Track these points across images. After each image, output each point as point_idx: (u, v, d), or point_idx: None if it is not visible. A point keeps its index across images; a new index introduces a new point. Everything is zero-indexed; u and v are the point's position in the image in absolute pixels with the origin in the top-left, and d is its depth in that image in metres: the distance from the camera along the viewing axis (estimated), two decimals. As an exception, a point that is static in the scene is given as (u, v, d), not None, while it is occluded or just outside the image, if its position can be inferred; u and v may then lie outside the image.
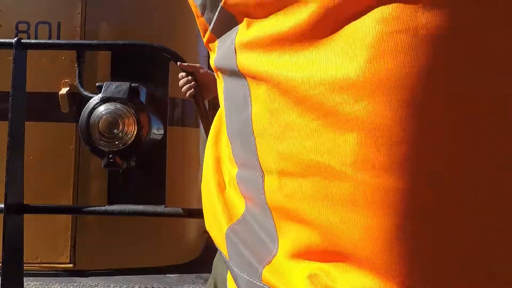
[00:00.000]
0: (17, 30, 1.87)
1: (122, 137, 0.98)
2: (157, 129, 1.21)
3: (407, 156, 0.25)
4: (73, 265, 1.84)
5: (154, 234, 1.91)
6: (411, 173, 0.25)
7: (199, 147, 2.12)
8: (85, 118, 0.99)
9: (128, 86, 1.02)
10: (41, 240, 1.82)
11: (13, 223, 0.95)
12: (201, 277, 1.84)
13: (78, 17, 1.89)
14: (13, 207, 0.95)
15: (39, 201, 1.49)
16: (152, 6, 1.98)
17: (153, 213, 1.03)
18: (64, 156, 1.86)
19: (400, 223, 0.26)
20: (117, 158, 0.99)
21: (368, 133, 0.25)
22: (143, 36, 1.90)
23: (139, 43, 1.01)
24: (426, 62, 0.25)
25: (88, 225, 1.86)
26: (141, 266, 1.87)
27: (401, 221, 0.26)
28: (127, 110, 0.99)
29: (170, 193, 1.85)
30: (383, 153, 0.25)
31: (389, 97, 0.25)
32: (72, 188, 1.85)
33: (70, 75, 1.85)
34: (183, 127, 2.00)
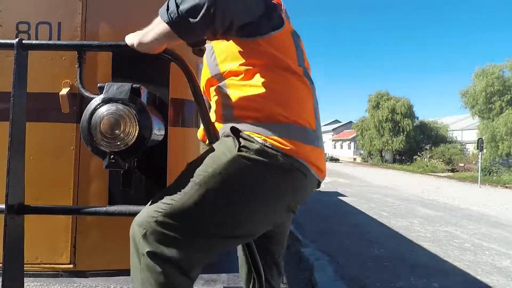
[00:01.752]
0: (17, 30, 1.87)
1: (124, 137, 0.98)
2: (158, 130, 1.21)
3: None
4: (73, 266, 1.84)
5: (155, 235, 1.90)
6: None
7: (199, 147, 2.12)
8: (87, 118, 0.99)
9: (130, 87, 1.02)
10: (41, 241, 1.82)
11: (13, 224, 0.95)
12: (201, 278, 1.84)
13: (79, 17, 1.89)
14: (14, 207, 0.95)
15: (39, 202, 1.49)
16: (152, 6, 1.97)
17: (154, 213, 1.02)
18: (65, 156, 1.86)
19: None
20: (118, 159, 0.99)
21: None
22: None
23: (140, 44, 1.01)
24: None
25: (89, 226, 1.86)
26: (141, 267, 1.86)
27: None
28: (129, 111, 0.99)
29: (171, 194, 1.85)
30: None
31: None
32: (72, 189, 1.85)
33: (70, 75, 1.85)
34: (184, 127, 2.00)
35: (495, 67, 26.29)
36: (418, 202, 12.49)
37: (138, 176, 1.77)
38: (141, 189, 1.82)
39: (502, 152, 24.27)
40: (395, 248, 6.48)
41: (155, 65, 1.82)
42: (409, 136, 35.66)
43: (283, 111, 1.20)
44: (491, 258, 6.13)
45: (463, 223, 9.07)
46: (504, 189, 17.87)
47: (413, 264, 5.66)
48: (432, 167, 29.20)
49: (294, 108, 1.23)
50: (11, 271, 0.94)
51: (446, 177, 23.65)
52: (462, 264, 5.71)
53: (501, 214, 10.61)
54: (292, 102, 1.24)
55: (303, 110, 1.27)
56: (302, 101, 1.28)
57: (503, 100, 25.22)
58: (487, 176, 22.04)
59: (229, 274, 1.88)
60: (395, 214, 10.00)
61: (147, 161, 1.32)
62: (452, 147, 31.77)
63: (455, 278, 5.10)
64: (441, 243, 7.02)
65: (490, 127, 25.18)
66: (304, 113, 1.26)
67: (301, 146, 1.19)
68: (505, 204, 12.57)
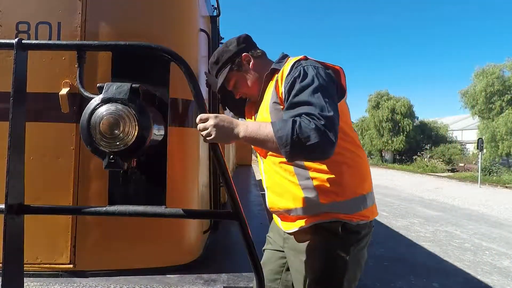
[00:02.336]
0: (17, 30, 1.87)
1: (123, 137, 0.98)
2: (158, 130, 1.21)
3: None
4: (73, 266, 1.83)
5: (154, 235, 1.90)
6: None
7: (199, 147, 2.12)
8: (86, 118, 0.99)
9: (129, 87, 1.02)
10: (41, 241, 1.82)
11: (13, 224, 0.95)
12: (201, 278, 1.84)
13: (78, 17, 1.89)
14: (14, 207, 0.95)
15: (39, 202, 1.49)
16: (152, 6, 1.97)
17: (153, 213, 1.03)
18: (64, 156, 1.86)
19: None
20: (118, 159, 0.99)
21: None
22: (144, 36, 1.90)
23: (140, 44, 1.01)
24: None
25: (88, 225, 1.86)
26: (141, 267, 1.87)
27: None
28: (128, 111, 0.98)
29: (170, 194, 1.85)
30: None
31: None
32: (72, 189, 1.85)
33: (70, 75, 1.85)
34: (183, 127, 2.00)
35: (495, 67, 26.27)
36: (418, 202, 12.48)
37: (138, 176, 1.78)
38: (141, 189, 1.83)
39: (502, 152, 24.24)
40: (395, 248, 6.47)
41: (155, 65, 1.82)
42: (409, 136, 35.63)
43: (359, 183, 1.40)
44: (491, 258, 6.12)
45: (463, 223, 9.07)
46: (504, 189, 17.85)
47: (413, 264, 5.66)
48: (432, 167, 29.19)
49: (366, 179, 1.43)
50: (11, 271, 0.94)
51: (446, 177, 23.64)
52: (462, 264, 5.71)
53: (501, 214, 10.60)
54: (362, 173, 1.43)
55: (368, 175, 1.46)
56: (366, 168, 1.46)
57: (503, 100, 25.19)
58: (487, 176, 22.03)
59: (229, 274, 1.88)
60: (395, 214, 10.00)
61: (147, 161, 1.32)
62: (452, 147, 31.74)
63: (455, 278, 5.10)
64: (441, 243, 7.01)
65: (490, 127, 25.16)
66: (369, 178, 1.47)
67: (372, 210, 1.45)
68: (505, 204, 12.56)
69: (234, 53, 1.56)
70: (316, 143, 1.08)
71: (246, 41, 1.61)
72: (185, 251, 2.01)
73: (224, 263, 2.08)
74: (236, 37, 1.62)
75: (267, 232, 1.81)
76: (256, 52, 1.60)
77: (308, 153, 1.12)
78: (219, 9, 2.80)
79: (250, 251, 0.99)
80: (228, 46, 1.58)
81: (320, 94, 1.19)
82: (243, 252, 1.09)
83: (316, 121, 1.10)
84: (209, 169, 2.45)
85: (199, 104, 0.99)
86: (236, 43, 1.58)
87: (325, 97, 1.19)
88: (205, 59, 2.37)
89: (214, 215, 1.93)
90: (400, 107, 36.26)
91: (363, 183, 1.41)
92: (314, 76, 1.24)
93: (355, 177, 1.38)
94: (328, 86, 1.25)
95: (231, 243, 2.52)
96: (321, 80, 1.24)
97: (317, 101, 1.16)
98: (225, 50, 1.58)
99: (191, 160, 2.06)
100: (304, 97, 1.19)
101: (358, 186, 1.39)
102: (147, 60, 1.79)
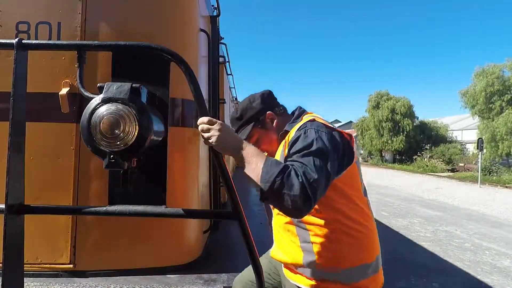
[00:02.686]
0: (17, 30, 1.87)
1: (123, 137, 0.98)
2: (158, 130, 1.21)
3: None
4: (73, 266, 1.83)
5: (154, 235, 1.90)
6: None
7: (199, 147, 2.12)
8: (87, 118, 0.98)
9: (129, 86, 1.02)
10: (41, 241, 1.82)
11: (13, 224, 0.95)
12: (201, 278, 1.84)
13: (78, 17, 1.89)
14: (14, 207, 0.94)
15: (39, 202, 1.49)
16: (152, 6, 1.97)
17: (154, 213, 1.03)
18: (64, 156, 1.86)
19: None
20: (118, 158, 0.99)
21: None
22: (143, 36, 1.91)
23: (140, 44, 1.01)
24: None
25: (88, 225, 1.86)
26: (141, 267, 1.87)
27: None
28: (128, 110, 0.98)
29: (170, 193, 1.85)
30: None
31: None
32: (72, 189, 1.85)
33: (70, 75, 1.85)
34: (183, 127, 2.00)
35: (495, 67, 26.26)
36: (418, 202, 12.48)
37: (138, 176, 1.78)
38: (141, 189, 1.83)
39: (502, 152, 24.24)
40: (395, 247, 6.47)
41: (155, 65, 1.82)
42: (409, 136, 35.63)
43: (360, 254, 1.36)
44: (491, 258, 6.12)
45: (463, 223, 9.07)
46: (504, 189, 17.85)
47: (413, 263, 5.66)
48: (432, 167, 29.18)
49: (369, 249, 1.39)
50: (11, 271, 0.94)
51: (446, 177, 23.64)
52: (462, 264, 5.71)
53: (501, 214, 10.60)
54: (364, 244, 1.38)
55: (374, 246, 1.41)
56: (371, 239, 1.42)
57: (503, 100, 25.19)
58: (487, 176, 22.03)
59: (229, 274, 1.88)
60: (395, 214, 9.99)
61: (147, 161, 1.32)
62: (452, 147, 31.74)
63: (455, 278, 5.10)
64: (441, 243, 7.01)
65: (490, 127, 25.15)
66: (374, 248, 1.42)
67: (375, 279, 1.39)
68: (505, 204, 12.56)
69: (259, 111, 1.55)
70: (294, 196, 1.06)
71: (270, 97, 1.61)
72: (185, 251, 2.01)
73: (224, 263, 2.08)
74: (259, 93, 1.61)
75: (267, 232, 1.81)
76: (279, 110, 1.60)
77: (281, 200, 1.09)
78: (219, 9, 2.81)
79: (250, 251, 0.99)
80: (252, 103, 1.57)
81: (315, 158, 1.18)
82: (243, 252, 1.09)
83: (304, 179, 1.09)
84: (209, 169, 2.45)
85: (199, 104, 0.99)
86: (260, 100, 1.57)
87: (320, 161, 1.18)
88: (205, 59, 2.37)
89: (214, 215, 1.93)
90: (400, 107, 36.26)
91: (365, 253, 1.37)
92: (314, 140, 1.24)
93: (355, 248, 1.35)
94: (326, 151, 1.23)
95: (231, 243, 2.52)
96: (320, 144, 1.23)
97: (309, 163, 1.16)
98: (249, 107, 1.57)
99: (191, 160, 2.06)
100: (299, 157, 1.20)
101: (359, 256, 1.35)
102: (147, 60, 1.80)
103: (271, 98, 1.62)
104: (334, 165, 1.25)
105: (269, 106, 1.57)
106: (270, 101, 1.60)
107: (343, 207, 1.33)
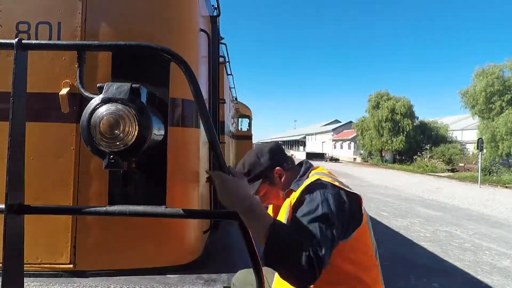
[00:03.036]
0: (17, 30, 1.87)
1: (123, 137, 0.98)
2: (158, 130, 1.20)
3: None
4: (73, 266, 1.83)
5: (155, 235, 1.90)
6: None
7: (199, 147, 2.12)
8: (86, 118, 0.98)
9: (129, 87, 1.01)
10: (41, 241, 1.82)
11: (13, 224, 0.95)
12: (201, 278, 1.84)
13: (78, 17, 1.89)
14: (13, 207, 0.94)
15: (39, 202, 1.49)
16: (152, 6, 1.97)
17: (154, 213, 1.03)
18: (64, 156, 1.86)
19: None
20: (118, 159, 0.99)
21: None
22: (143, 36, 1.91)
23: (139, 44, 1.01)
24: None
25: (88, 225, 1.86)
26: (141, 267, 1.87)
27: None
28: (128, 111, 0.98)
29: (170, 193, 1.85)
30: None
31: None
32: (72, 189, 1.85)
33: (70, 75, 1.85)
34: (183, 127, 2.00)
35: (495, 67, 26.26)
36: (418, 202, 12.48)
37: (138, 176, 1.78)
38: (141, 189, 1.83)
39: (502, 152, 24.23)
40: (395, 248, 6.47)
41: (155, 65, 1.82)
42: (409, 136, 35.63)
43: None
44: (491, 258, 6.12)
45: (463, 223, 9.07)
46: (504, 189, 17.85)
47: (413, 264, 5.66)
48: (432, 167, 29.18)
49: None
50: (11, 271, 0.94)
51: (446, 177, 23.64)
52: (462, 264, 5.71)
53: (501, 214, 10.60)
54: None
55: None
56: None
57: (503, 100, 25.18)
58: (487, 176, 22.03)
59: (229, 274, 1.88)
60: (395, 214, 9.99)
61: (147, 161, 1.32)
62: (452, 147, 31.74)
63: (455, 278, 5.10)
64: (441, 243, 7.01)
65: (490, 127, 25.15)
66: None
67: None
68: (505, 204, 12.56)
69: (267, 167, 1.53)
70: (300, 268, 1.04)
71: (278, 152, 1.59)
72: (185, 251, 2.01)
73: (224, 263, 2.08)
74: (268, 148, 1.59)
75: None
76: (287, 164, 1.57)
77: (286, 270, 1.07)
78: (219, 9, 2.81)
79: (250, 251, 0.99)
80: (260, 159, 1.55)
81: (321, 224, 1.15)
82: (243, 252, 1.09)
83: (312, 251, 1.06)
84: (209, 169, 2.45)
85: (199, 104, 0.99)
86: (269, 156, 1.55)
87: (326, 228, 1.15)
88: (205, 59, 2.37)
89: (214, 215, 1.93)
90: (400, 107, 36.27)
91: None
92: (319, 204, 1.21)
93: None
94: (332, 216, 1.20)
95: (231, 243, 2.52)
96: (325, 209, 1.20)
97: (316, 231, 1.13)
98: (257, 162, 1.54)
99: (191, 160, 2.06)
100: (305, 223, 1.17)
101: None
102: (147, 60, 1.79)
103: (279, 152, 1.60)
104: (341, 229, 1.22)
105: (277, 162, 1.54)
106: (278, 156, 1.57)
107: (350, 270, 1.30)
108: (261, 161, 1.54)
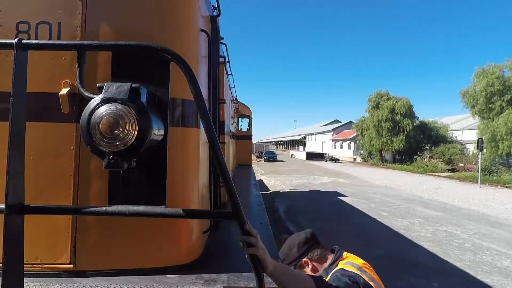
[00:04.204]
0: (17, 30, 1.87)
1: (123, 137, 0.98)
2: (158, 130, 1.20)
3: None
4: (73, 266, 1.83)
5: (155, 235, 1.90)
6: None
7: (199, 147, 2.12)
8: (86, 118, 0.98)
9: (129, 87, 1.01)
10: (41, 241, 1.82)
11: (13, 224, 0.95)
12: (201, 278, 1.84)
13: (79, 17, 1.89)
14: (14, 207, 0.94)
15: (39, 201, 1.49)
16: (152, 6, 1.97)
17: (154, 213, 1.03)
18: (64, 156, 1.86)
19: None
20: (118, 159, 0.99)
21: None
22: (144, 36, 1.91)
23: (139, 44, 1.01)
24: None
25: (89, 225, 1.86)
26: (141, 267, 1.87)
27: None
28: (128, 110, 0.98)
29: (171, 193, 1.85)
30: None
31: None
32: (72, 189, 1.85)
33: (70, 75, 1.85)
34: (183, 127, 2.00)
35: (495, 67, 26.26)
36: (418, 202, 12.48)
37: (138, 176, 1.78)
38: (141, 189, 1.83)
39: (502, 152, 24.23)
40: (395, 248, 6.47)
41: (155, 65, 1.82)
42: (409, 136, 35.63)
43: None
44: (491, 258, 6.12)
45: (463, 223, 9.07)
46: (504, 189, 17.86)
47: (413, 264, 5.66)
48: (432, 167, 29.18)
49: None
50: (11, 271, 0.94)
51: (446, 177, 23.64)
52: (462, 264, 5.71)
53: (501, 214, 10.60)
54: None
55: None
56: None
57: (503, 100, 25.18)
58: (487, 176, 22.03)
59: (229, 274, 1.88)
60: (395, 214, 9.99)
61: (147, 161, 1.32)
62: (452, 147, 31.74)
63: (455, 278, 5.10)
64: (441, 243, 7.01)
65: (490, 127, 25.15)
66: None
67: None
68: (505, 204, 12.56)
69: (296, 259, 1.81)
70: None
71: (307, 243, 1.83)
72: (185, 251, 2.01)
73: (224, 263, 2.08)
74: (298, 240, 1.84)
75: (267, 232, 1.82)
76: (315, 255, 1.81)
77: None
78: (219, 9, 2.81)
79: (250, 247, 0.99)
80: (291, 250, 1.83)
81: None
82: (243, 252, 1.09)
83: None
84: (209, 169, 2.45)
85: (199, 104, 0.99)
86: (297, 249, 1.81)
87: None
88: (205, 59, 2.37)
89: (214, 215, 1.93)
90: (400, 107, 36.25)
91: None
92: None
93: None
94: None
95: (231, 243, 2.52)
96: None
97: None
98: (288, 253, 1.83)
99: (191, 160, 2.06)
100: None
101: None
102: (147, 60, 1.79)
103: (308, 242, 1.83)
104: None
105: (305, 253, 1.80)
106: (308, 248, 1.82)
107: None
108: (291, 252, 1.82)
